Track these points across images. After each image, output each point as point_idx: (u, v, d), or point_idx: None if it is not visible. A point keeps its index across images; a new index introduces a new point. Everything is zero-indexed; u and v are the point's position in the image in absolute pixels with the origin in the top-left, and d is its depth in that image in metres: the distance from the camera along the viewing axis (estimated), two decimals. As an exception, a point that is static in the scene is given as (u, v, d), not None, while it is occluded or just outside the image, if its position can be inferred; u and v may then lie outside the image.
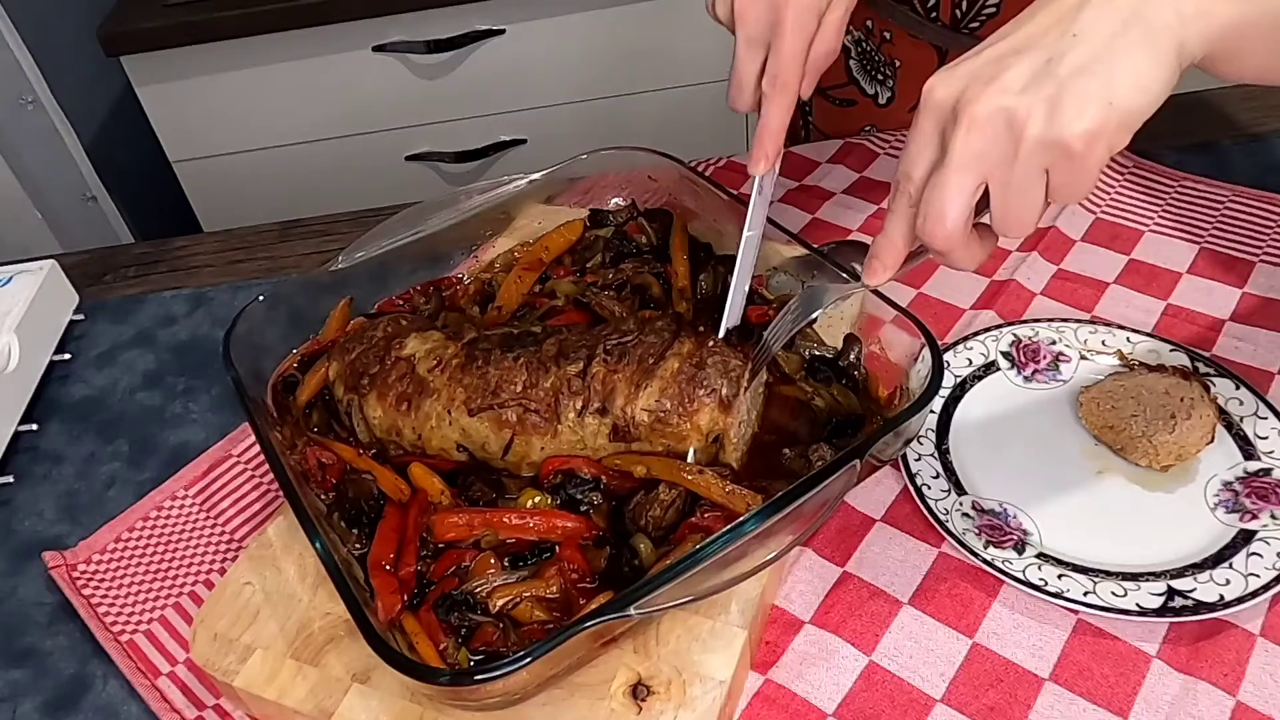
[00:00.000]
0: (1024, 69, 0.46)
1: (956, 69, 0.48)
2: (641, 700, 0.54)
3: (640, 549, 0.57)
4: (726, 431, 0.60)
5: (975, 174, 0.47)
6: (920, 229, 0.49)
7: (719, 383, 0.60)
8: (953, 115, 0.47)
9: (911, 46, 0.98)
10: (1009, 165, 0.46)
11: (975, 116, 0.46)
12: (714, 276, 0.75)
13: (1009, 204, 0.48)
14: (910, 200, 0.50)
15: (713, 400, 0.60)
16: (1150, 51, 0.44)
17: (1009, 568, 0.61)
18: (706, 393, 0.60)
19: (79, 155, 1.73)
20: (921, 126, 0.49)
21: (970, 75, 0.47)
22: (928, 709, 0.57)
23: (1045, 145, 0.45)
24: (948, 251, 0.50)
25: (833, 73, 1.06)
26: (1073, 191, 0.47)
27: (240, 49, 1.61)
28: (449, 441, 0.64)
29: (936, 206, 0.48)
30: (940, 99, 0.48)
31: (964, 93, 0.47)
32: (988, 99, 0.46)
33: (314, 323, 0.75)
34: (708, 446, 0.61)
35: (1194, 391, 0.68)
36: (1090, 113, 0.44)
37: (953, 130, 0.47)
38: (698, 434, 0.60)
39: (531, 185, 0.80)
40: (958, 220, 0.48)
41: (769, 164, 0.65)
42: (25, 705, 0.65)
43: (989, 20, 0.92)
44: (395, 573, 0.58)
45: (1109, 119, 0.44)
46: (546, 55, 1.70)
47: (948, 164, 0.47)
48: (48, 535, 0.75)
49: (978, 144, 0.46)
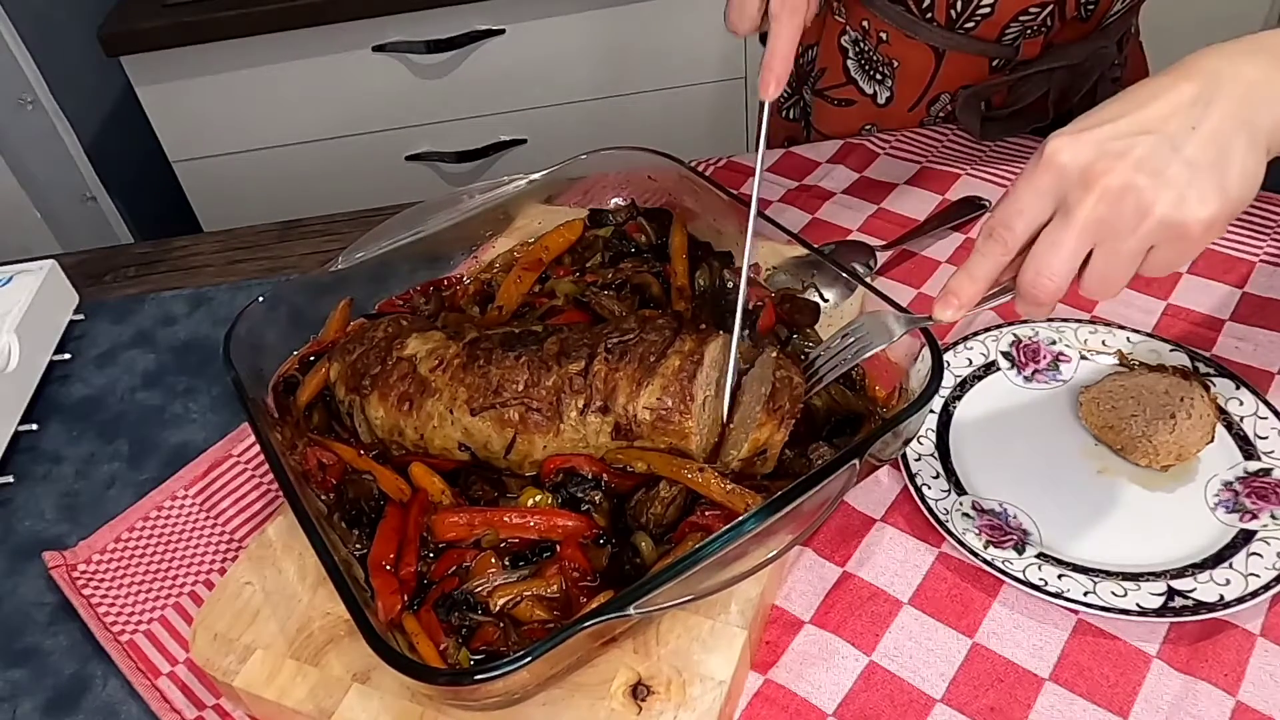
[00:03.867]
0: (1150, 150, 0.49)
1: (1081, 136, 0.50)
2: (641, 700, 0.54)
3: (641, 547, 0.57)
4: (774, 448, 0.60)
5: (1092, 239, 0.50)
6: (1029, 281, 0.51)
7: (784, 399, 0.60)
8: (1080, 181, 0.49)
9: (908, 46, 0.98)
10: (1125, 237, 0.49)
11: (1109, 188, 0.48)
12: (712, 275, 0.75)
13: (1109, 271, 0.50)
14: (1005, 249, 0.52)
15: (776, 417, 0.59)
16: (1257, 153, 0.49)
17: (1009, 568, 0.61)
18: (772, 408, 0.59)
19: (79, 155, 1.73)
20: (1036, 183, 0.51)
21: (1098, 146, 0.49)
22: (928, 709, 0.57)
23: (1166, 226, 0.48)
24: (1044, 305, 0.52)
25: (831, 73, 1.06)
26: (1166, 267, 0.51)
27: (240, 49, 1.61)
28: (451, 441, 0.64)
29: (1051, 264, 0.50)
30: (1066, 163, 0.50)
31: (1095, 163, 0.49)
32: (1121, 173, 0.48)
33: (314, 323, 0.75)
34: (750, 459, 0.60)
35: (1194, 391, 0.68)
36: (1212, 203, 0.48)
37: (1080, 196, 0.49)
38: (752, 446, 0.60)
39: (531, 185, 0.80)
40: (1067, 278, 0.51)
41: (780, 87, 0.65)
42: (25, 705, 0.65)
43: (984, 20, 0.92)
44: (395, 573, 0.58)
45: (1223, 209, 0.48)
46: (546, 55, 1.70)
47: (1069, 225, 0.50)
48: (48, 535, 0.75)
49: (1104, 213, 0.49)
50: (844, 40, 1.03)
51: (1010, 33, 0.93)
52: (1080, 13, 0.93)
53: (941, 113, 1.03)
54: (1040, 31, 0.93)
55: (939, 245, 0.88)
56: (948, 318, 0.55)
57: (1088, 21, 0.94)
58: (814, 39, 1.07)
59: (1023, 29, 0.93)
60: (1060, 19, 0.93)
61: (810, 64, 1.09)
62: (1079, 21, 0.94)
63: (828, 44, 1.05)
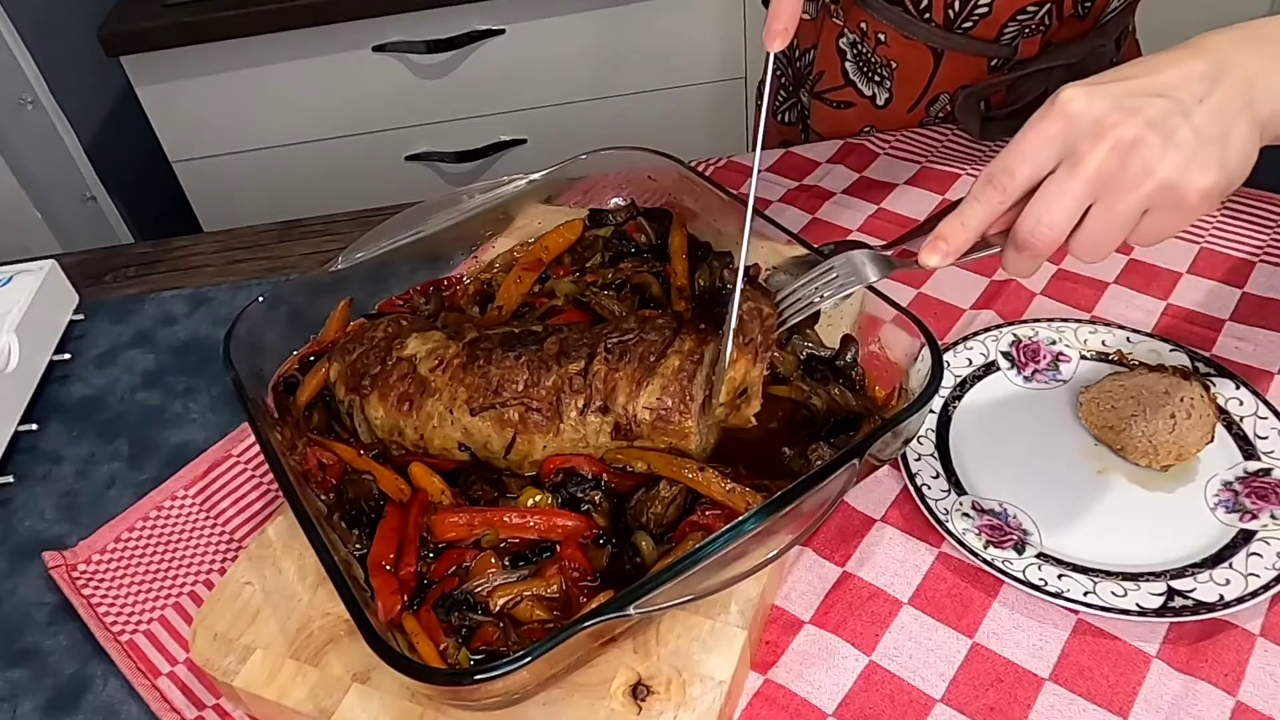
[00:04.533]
0: (1162, 113, 0.49)
1: (1096, 88, 0.50)
2: (641, 700, 0.54)
3: (641, 546, 0.57)
4: (754, 384, 0.59)
5: (1095, 191, 0.49)
6: (1027, 229, 0.51)
7: (754, 331, 0.58)
8: (1092, 131, 0.49)
9: (906, 47, 0.98)
10: (1126, 195, 0.49)
11: (1121, 140, 0.48)
12: (712, 275, 0.75)
13: (1103, 231, 0.50)
14: (1004, 196, 0.52)
15: (749, 351, 0.58)
16: (1255, 137, 0.50)
17: (1009, 568, 0.61)
18: (743, 342, 0.57)
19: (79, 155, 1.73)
20: (1046, 129, 0.50)
21: (1113, 99, 0.50)
22: (928, 709, 0.57)
23: (1167, 189, 0.49)
24: (1038, 255, 0.51)
25: (829, 75, 1.06)
26: (1154, 235, 0.51)
27: (240, 49, 1.61)
28: (451, 441, 0.64)
29: (1052, 212, 0.50)
30: (1079, 112, 0.50)
31: (1109, 114, 0.49)
32: (1134, 128, 0.48)
33: (314, 323, 0.75)
34: (734, 402, 0.59)
35: (1194, 391, 0.68)
36: (1212, 174, 0.48)
37: (1091, 145, 0.49)
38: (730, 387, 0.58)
39: (531, 185, 0.80)
40: (1065, 230, 0.50)
41: (786, 39, 0.63)
42: (25, 705, 0.65)
43: (981, 19, 0.92)
44: (395, 573, 0.58)
45: (1220, 182, 0.49)
46: (546, 55, 1.70)
47: (1077, 174, 0.49)
48: (48, 535, 0.75)
49: (1112, 166, 0.49)
50: (842, 42, 1.03)
51: (1008, 32, 0.93)
52: (1078, 10, 0.93)
53: (940, 114, 1.03)
54: (1038, 31, 0.94)
55: (939, 245, 0.88)
56: (933, 263, 0.54)
57: (1085, 20, 0.95)
58: (812, 42, 1.07)
59: (1020, 28, 0.93)
60: (1058, 18, 0.93)
61: (808, 67, 1.09)
62: (1076, 20, 0.94)
63: (826, 46, 1.05)
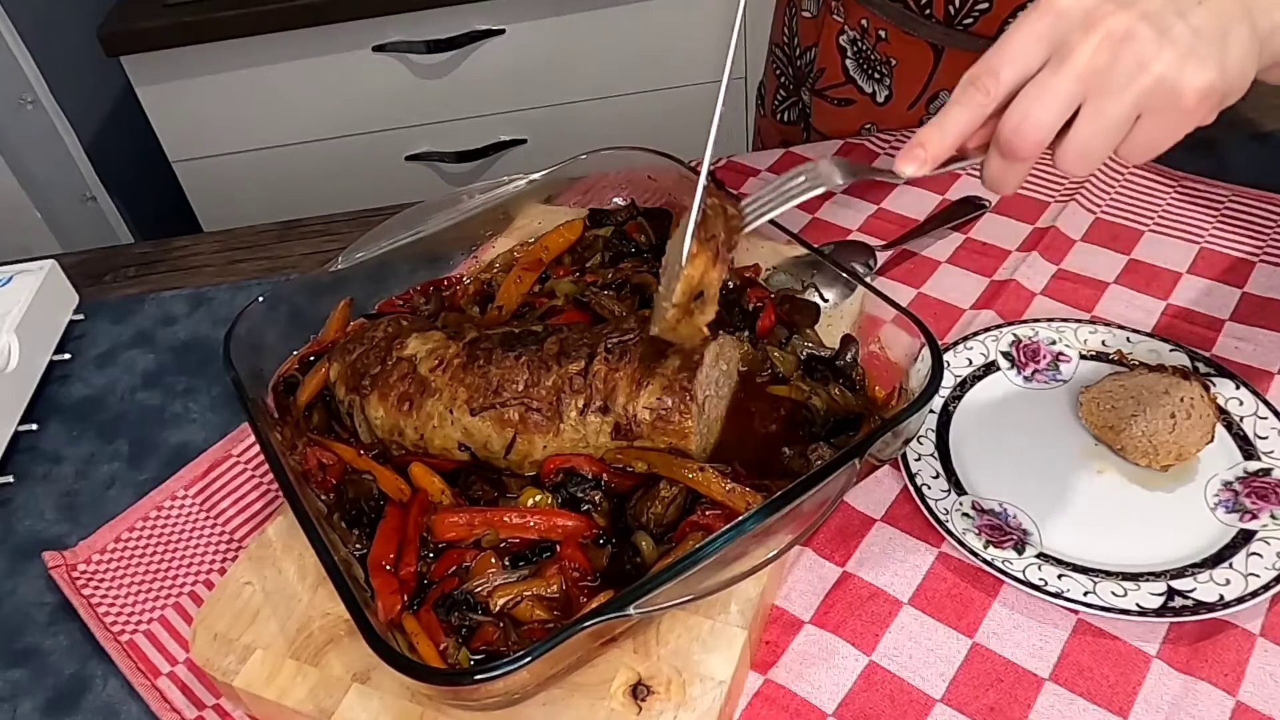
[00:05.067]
0: (1157, 7, 0.46)
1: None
2: (641, 700, 0.54)
3: (642, 546, 0.57)
4: (712, 288, 0.54)
5: (1084, 89, 0.46)
6: (1011, 129, 0.47)
7: (717, 228, 0.54)
8: (1082, 23, 0.46)
9: (907, 44, 0.98)
10: (1118, 93, 0.46)
11: (1112, 32, 0.46)
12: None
13: (1092, 136, 0.47)
14: (987, 98, 0.48)
15: (710, 248, 0.53)
16: (1253, 46, 0.47)
17: (1009, 568, 0.61)
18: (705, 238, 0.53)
19: (78, 155, 1.73)
20: (1034, 26, 0.47)
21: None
22: (928, 709, 0.57)
23: (1161, 87, 0.46)
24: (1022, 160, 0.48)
25: (830, 73, 1.06)
26: (1148, 147, 0.47)
27: (240, 49, 1.61)
28: (451, 441, 0.64)
29: (1038, 111, 0.47)
30: (1068, 6, 0.47)
31: (1100, 6, 0.46)
32: (1126, 20, 0.46)
33: (314, 323, 0.75)
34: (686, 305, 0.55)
35: (1194, 391, 0.68)
36: (1210, 71, 0.46)
37: (1080, 38, 0.46)
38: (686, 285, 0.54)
39: (531, 185, 0.80)
40: (1051, 131, 0.47)
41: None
42: (25, 705, 0.65)
43: (982, 16, 0.92)
44: (395, 573, 0.58)
45: (1219, 83, 0.46)
46: (546, 55, 1.70)
47: (1065, 69, 0.46)
48: (48, 535, 0.75)
49: (1103, 60, 0.46)
50: (842, 39, 1.03)
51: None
52: None
53: (941, 111, 1.03)
54: (1039, 29, 0.93)
55: (939, 245, 0.88)
56: (909, 172, 0.50)
57: None
58: (812, 40, 1.07)
59: None
60: (1059, 17, 0.93)
61: (809, 64, 1.09)
62: None
63: (826, 44, 1.05)
